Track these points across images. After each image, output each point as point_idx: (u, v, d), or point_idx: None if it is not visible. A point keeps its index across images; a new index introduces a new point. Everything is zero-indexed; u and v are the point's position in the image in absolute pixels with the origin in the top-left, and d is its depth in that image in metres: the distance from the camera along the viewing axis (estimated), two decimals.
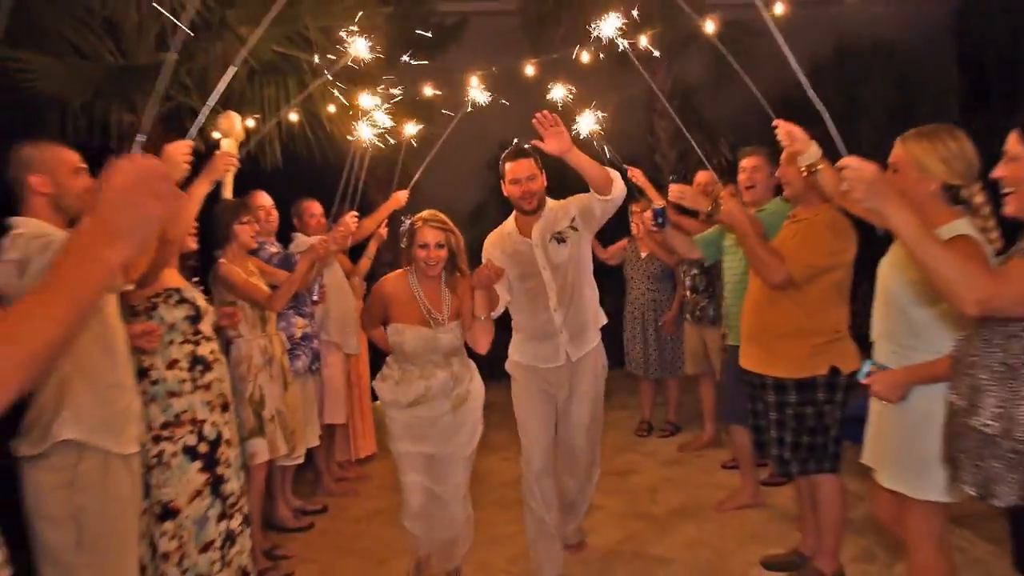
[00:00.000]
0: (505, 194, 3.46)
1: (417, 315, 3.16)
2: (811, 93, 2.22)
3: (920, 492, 2.33)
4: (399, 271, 3.26)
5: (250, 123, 4.66)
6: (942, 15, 10.90)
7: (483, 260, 3.33)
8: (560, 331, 3.42)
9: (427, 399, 3.15)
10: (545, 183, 3.39)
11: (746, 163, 3.83)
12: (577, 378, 3.47)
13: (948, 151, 2.30)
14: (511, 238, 3.47)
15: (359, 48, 3.51)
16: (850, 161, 1.86)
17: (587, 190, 3.29)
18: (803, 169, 2.75)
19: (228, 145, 3.04)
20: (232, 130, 3.13)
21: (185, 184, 2.70)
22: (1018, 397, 1.87)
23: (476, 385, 3.31)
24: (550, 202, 3.46)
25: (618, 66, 6.12)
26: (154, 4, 5.33)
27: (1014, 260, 1.92)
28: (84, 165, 2.50)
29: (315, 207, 4.70)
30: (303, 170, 5.82)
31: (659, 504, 4.29)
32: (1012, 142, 1.95)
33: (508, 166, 3.38)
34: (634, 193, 4.66)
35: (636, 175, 4.69)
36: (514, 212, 3.52)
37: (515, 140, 3.48)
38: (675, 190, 3.44)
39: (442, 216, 3.17)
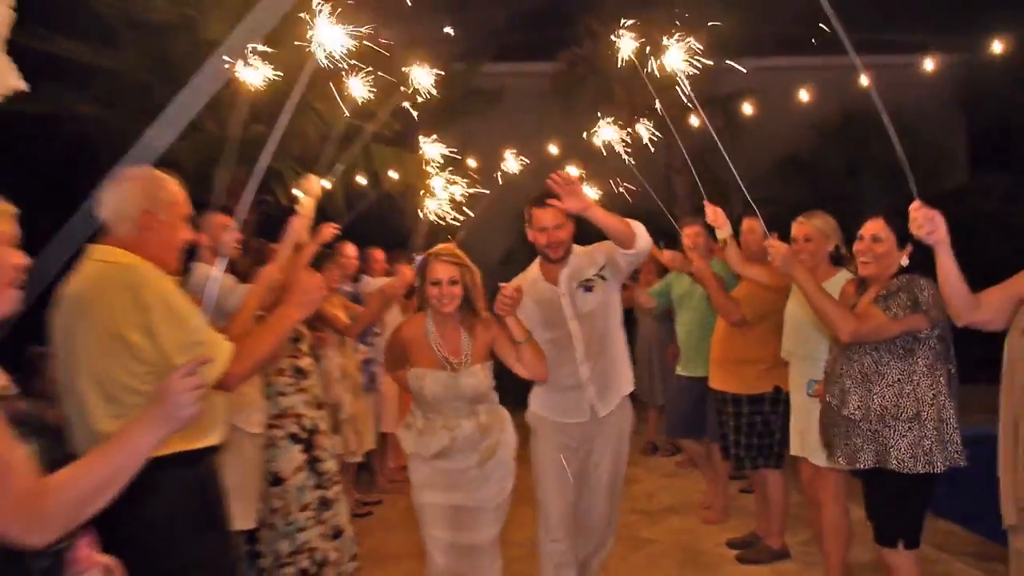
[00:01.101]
0: (530, 240, 3.38)
1: (433, 360, 3.00)
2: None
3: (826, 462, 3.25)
4: (419, 313, 3.14)
5: (326, 184, 5.77)
6: (945, 80, 11.58)
7: (495, 302, 3.11)
8: (586, 384, 3.28)
9: (452, 451, 2.97)
10: (572, 231, 3.31)
11: (688, 231, 4.55)
12: (602, 436, 3.33)
13: (834, 224, 3.32)
14: (536, 285, 3.35)
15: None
16: (771, 242, 2.89)
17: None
18: (720, 243, 3.72)
19: (307, 201, 3.78)
20: (311, 189, 3.88)
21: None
22: (871, 395, 2.84)
23: (508, 436, 3.10)
24: (576, 248, 3.38)
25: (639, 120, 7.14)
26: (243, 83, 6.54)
27: (872, 307, 2.88)
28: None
29: (379, 254, 5.79)
30: (367, 220, 6.94)
31: (653, 503, 5.23)
32: (879, 227, 2.92)
33: (535, 213, 3.28)
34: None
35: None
36: (539, 258, 3.44)
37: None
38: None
39: (456, 250, 3.04)
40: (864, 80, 2.52)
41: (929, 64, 9.29)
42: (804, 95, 9.80)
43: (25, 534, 1.31)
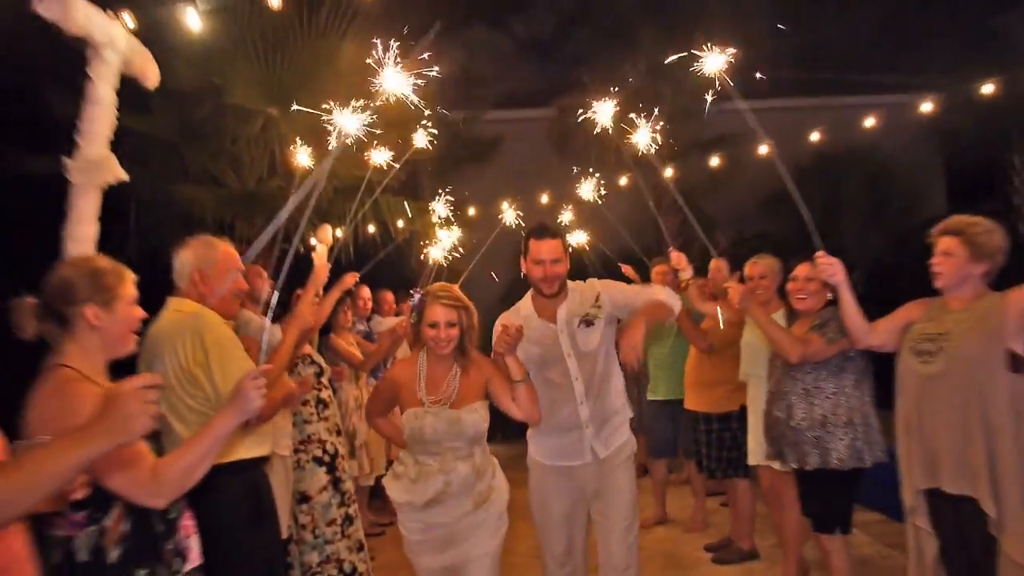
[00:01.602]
0: (523, 272, 3.30)
1: (416, 401, 2.92)
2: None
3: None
4: (411, 355, 3.10)
5: (339, 233, 6.37)
6: (919, 119, 12.09)
7: (494, 339, 3.05)
8: (586, 425, 3.18)
9: (447, 497, 2.84)
10: (568, 267, 3.23)
11: (658, 269, 5.14)
12: (608, 477, 3.22)
13: (780, 265, 3.90)
14: (530, 323, 3.22)
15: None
16: (731, 284, 3.46)
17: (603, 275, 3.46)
18: (682, 283, 4.20)
19: (322, 250, 4.20)
20: (325, 238, 4.36)
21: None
22: (813, 406, 3.38)
23: (500, 481, 3.01)
24: (571, 284, 3.29)
25: (633, 166, 7.73)
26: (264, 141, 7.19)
27: (810, 334, 3.42)
28: None
29: (388, 296, 6.36)
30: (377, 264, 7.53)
31: (640, 514, 5.69)
32: (807, 270, 3.49)
33: (533, 244, 3.19)
34: (641, 259, 5.45)
35: (628, 271, 6.16)
36: (530, 293, 3.34)
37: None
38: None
39: (455, 291, 2.98)
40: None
41: (907, 103, 9.89)
42: (784, 135, 10.41)
43: (150, 498, 1.86)
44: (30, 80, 6.72)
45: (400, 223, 7.13)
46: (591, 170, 4.60)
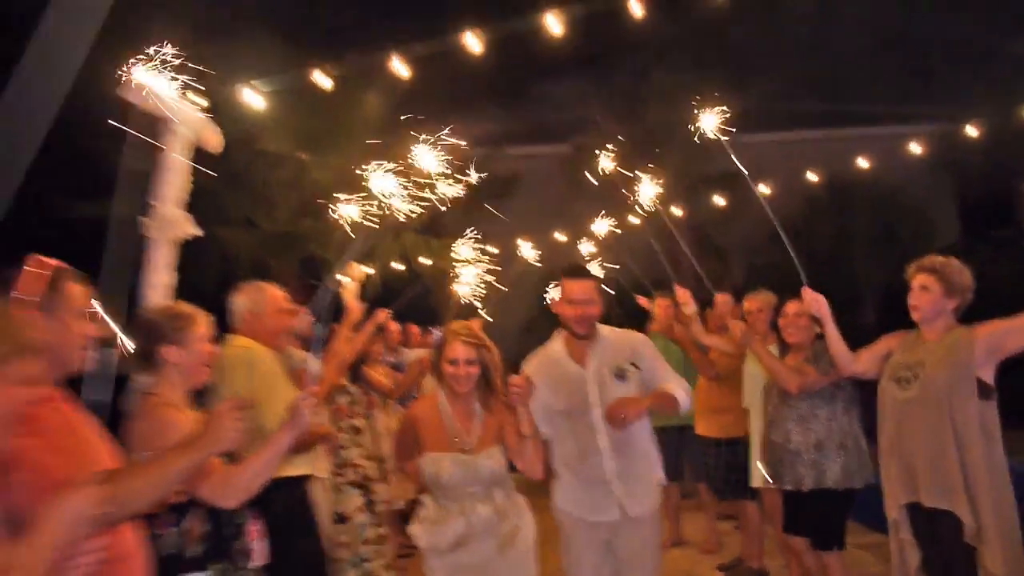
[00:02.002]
0: (554, 311, 3.24)
1: (444, 440, 2.88)
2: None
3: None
4: (430, 394, 3.10)
5: (369, 271, 6.78)
6: (931, 149, 12.19)
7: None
8: (611, 480, 3.08)
9: (469, 539, 2.82)
10: (601, 309, 3.19)
11: (660, 302, 5.37)
12: (634, 534, 3.13)
13: (775, 300, 4.20)
14: (560, 365, 3.18)
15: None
16: (733, 323, 3.77)
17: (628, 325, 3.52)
18: (685, 317, 4.49)
19: (352, 286, 4.46)
20: (355, 275, 4.61)
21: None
22: (809, 431, 3.66)
23: (527, 521, 2.95)
24: (604, 329, 3.23)
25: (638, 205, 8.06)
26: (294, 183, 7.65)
27: (806, 365, 3.72)
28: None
29: (415, 329, 6.73)
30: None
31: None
32: (796, 307, 3.80)
33: (566, 284, 3.14)
34: (650, 291, 5.61)
35: (644, 303, 6.42)
36: (562, 334, 3.27)
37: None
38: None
39: (475, 329, 2.97)
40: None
41: (918, 133, 10.11)
42: (794, 167, 10.75)
43: (225, 500, 2.21)
44: (79, 131, 7.24)
45: (425, 260, 7.52)
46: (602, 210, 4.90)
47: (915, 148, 9.60)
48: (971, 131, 8.84)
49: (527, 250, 5.38)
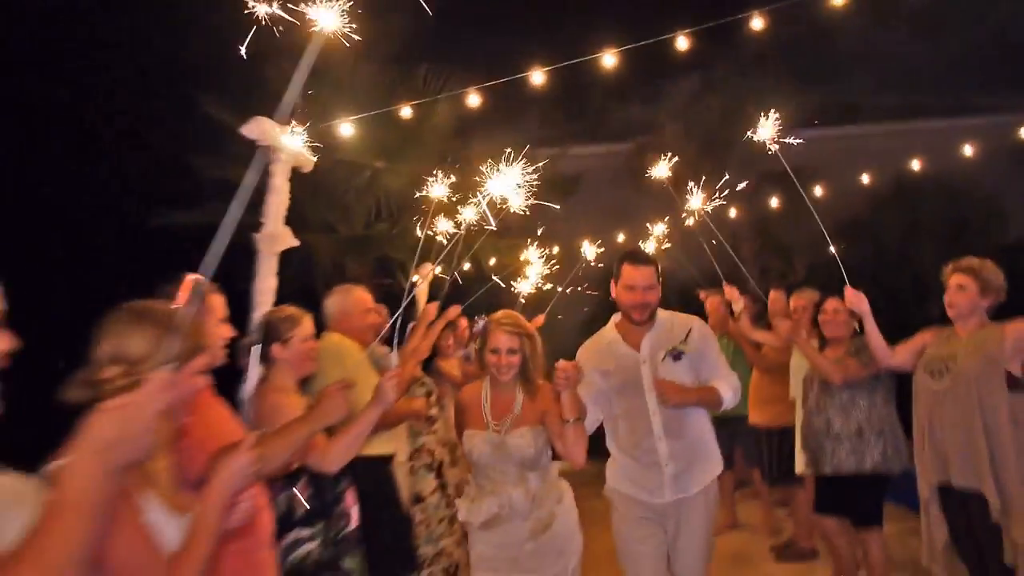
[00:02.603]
0: (613, 296, 3.24)
1: (481, 422, 2.98)
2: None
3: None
4: (479, 379, 3.17)
5: (438, 270, 7.22)
6: (999, 140, 11.91)
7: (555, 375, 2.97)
8: (665, 463, 3.09)
9: (501, 521, 2.87)
10: (659, 296, 3.18)
11: (711, 301, 5.50)
12: (687, 516, 3.13)
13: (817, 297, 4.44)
14: (612, 348, 3.20)
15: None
16: (778, 321, 4.05)
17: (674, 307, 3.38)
18: (735, 314, 4.76)
19: (423, 285, 4.90)
20: (426, 275, 4.93)
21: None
22: (850, 419, 3.93)
23: (565, 508, 2.97)
24: (663, 313, 3.23)
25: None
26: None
27: (848, 358, 3.98)
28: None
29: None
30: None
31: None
32: (839, 304, 4.04)
33: (626, 269, 3.14)
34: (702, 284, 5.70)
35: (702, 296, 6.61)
36: (617, 318, 3.30)
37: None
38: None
39: (518, 318, 3.02)
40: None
41: (998, 125, 9.92)
42: (860, 162, 10.73)
43: (327, 465, 2.64)
44: (179, 146, 7.94)
45: (492, 260, 7.91)
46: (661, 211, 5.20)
47: (981, 140, 9.53)
48: None
49: (588, 249, 5.74)
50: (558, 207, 6.02)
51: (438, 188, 4.08)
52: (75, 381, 1.63)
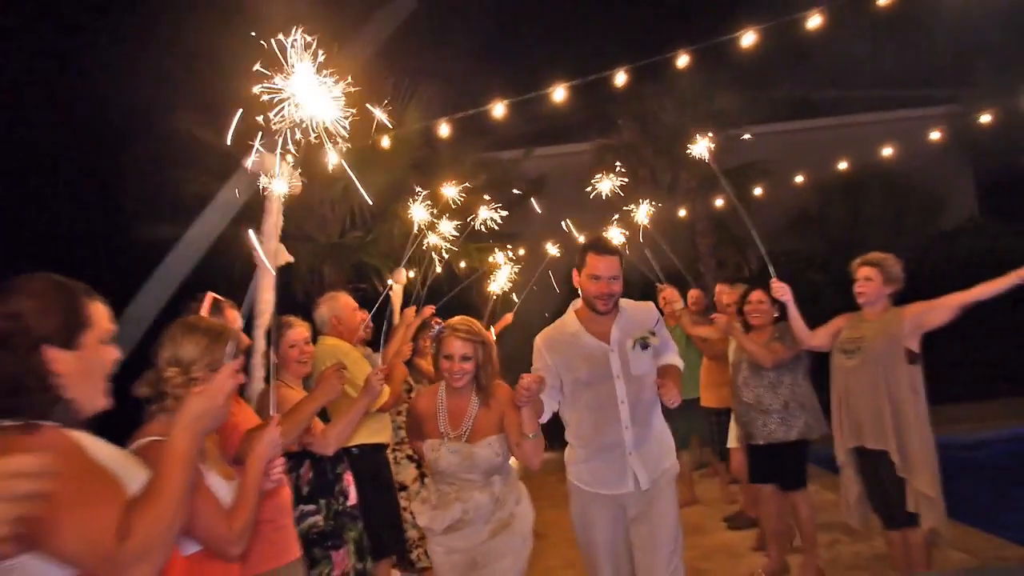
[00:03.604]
0: (576, 285, 3.23)
1: (437, 431, 2.99)
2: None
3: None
4: (434, 385, 3.18)
5: (411, 274, 7.67)
6: (948, 131, 12.01)
7: (534, 359, 3.16)
8: (629, 451, 3.08)
9: (464, 524, 2.91)
10: (622, 286, 3.16)
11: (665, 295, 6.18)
12: (650, 503, 3.12)
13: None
14: (577, 338, 3.15)
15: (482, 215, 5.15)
16: (716, 316, 4.59)
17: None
18: (675, 312, 5.24)
19: (398, 288, 5.41)
20: (399, 279, 5.51)
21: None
22: (777, 395, 4.46)
23: (523, 508, 3.04)
24: (624, 302, 3.20)
25: (668, 195, 8.83)
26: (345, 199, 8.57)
27: (775, 343, 4.52)
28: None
29: None
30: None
31: None
32: (763, 295, 4.59)
33: (591, 259, 3.11)
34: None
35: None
36: (576, 305, 3.27)
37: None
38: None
39: (473, 325, 3.03)
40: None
41: (931, 116, 10.36)
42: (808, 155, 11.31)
43: (324, 448, 3.09)
44: (162, 166, 8.30)
45: (462, 263, 8.38)
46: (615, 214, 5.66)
47: (926, 131, 10.02)
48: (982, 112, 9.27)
49: (551, 248, 6.24)
50: (539, 210, 6.52)
51: (419, 211, 4.57)
52: (143, 380, 2.10)
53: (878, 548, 4.66)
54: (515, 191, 10.15)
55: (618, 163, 5.47)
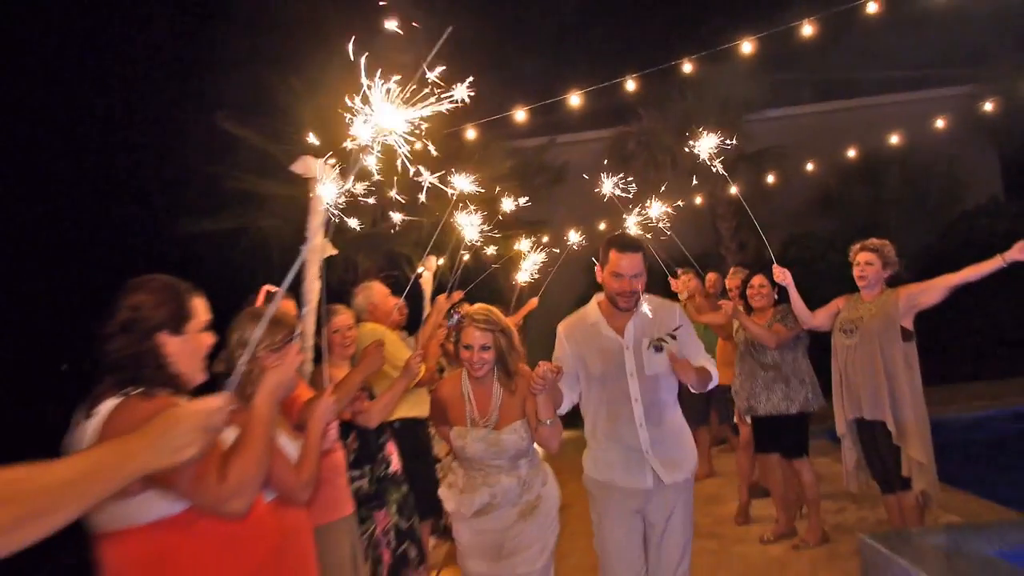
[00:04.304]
0: (599, 281, 3.18)
1: (463, 418, 3.01)
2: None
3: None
4: (457, 372, 3.17)
5: (440, 261, 8.04)
6: (972, 112, 11.41)
7: (556, 347, 3.16)
8: (646, 450, 3.05)
9: (492, 508, 2.94)
10: (645, 283, 3.11)
11: (680, 280, 6.49)
12: (669, 503, 3.08)
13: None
14: (596, 330, 3.13)
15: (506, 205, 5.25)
16: (723, 302, 4.91)
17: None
18: (682, 301, 5.59)
19: (427, 276, 5.74)
20: (430, 267, 5.91)
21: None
22: (781, 371, 4.79)
23: (549, 489, 3.08)
24: (646, 297, 3.13)
25: (688, 179, 9.06)
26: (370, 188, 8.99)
27: (778, 325, 4.84)
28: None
29: None
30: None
31: None
32: (764, 279, 4.91)
33: (614, 256, 3.06)
34: (674, 271, 6.25)
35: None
36: (600, 297, 3.23)
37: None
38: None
39: (492, 314, 3.01)
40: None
41: (957, 97, 10.28)
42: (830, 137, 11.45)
43: (369, 422, 3.48)
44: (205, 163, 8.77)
45: (489, 250, 8.71)
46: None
47: (948, 112, 10.06)
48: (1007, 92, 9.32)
49: (574, 236, 6.53)
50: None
51: (470, 230, 4.45)
52: (218, 359, 2.50)
53: (881, 515, 4.98)
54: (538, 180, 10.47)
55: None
